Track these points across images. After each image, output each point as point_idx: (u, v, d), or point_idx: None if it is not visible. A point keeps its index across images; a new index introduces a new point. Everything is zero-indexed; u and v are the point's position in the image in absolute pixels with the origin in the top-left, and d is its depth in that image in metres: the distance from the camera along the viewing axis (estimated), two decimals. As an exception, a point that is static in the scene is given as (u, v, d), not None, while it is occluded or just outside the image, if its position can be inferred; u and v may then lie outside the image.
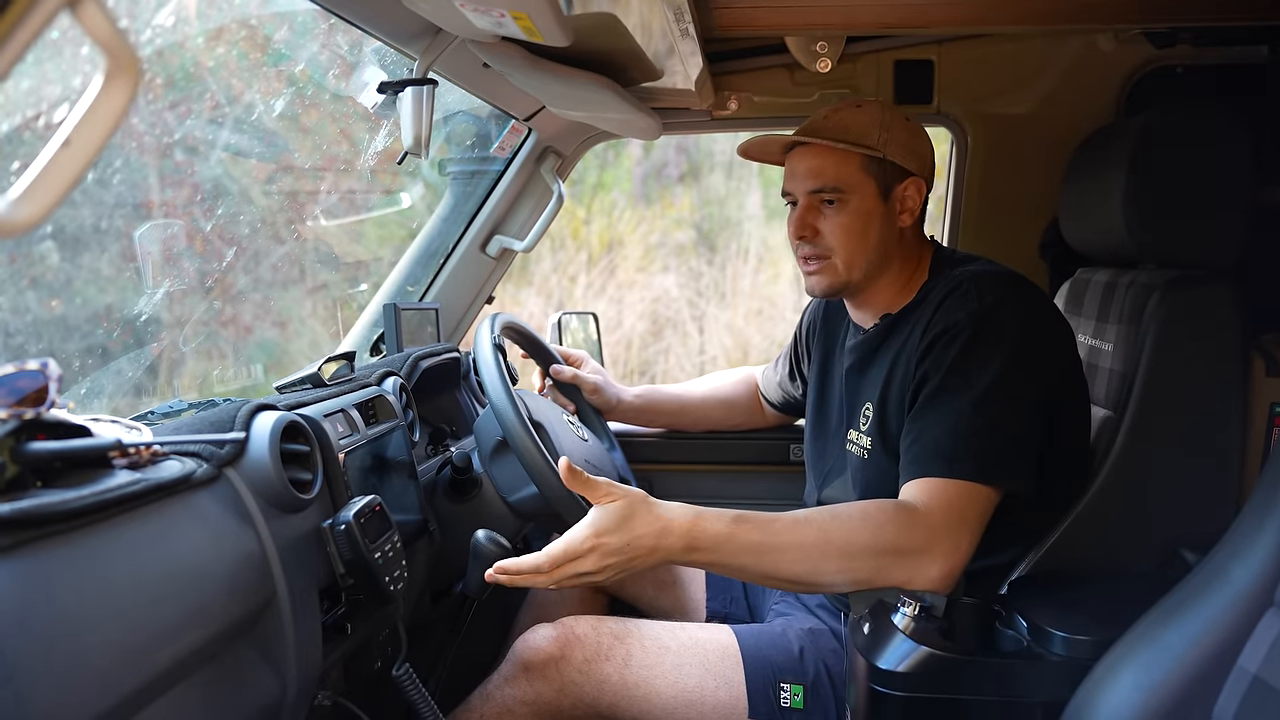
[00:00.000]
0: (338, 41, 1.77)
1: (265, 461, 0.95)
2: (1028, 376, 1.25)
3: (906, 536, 1.18)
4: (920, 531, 1.18)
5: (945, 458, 1.22)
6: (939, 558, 1.17)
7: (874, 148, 1.36)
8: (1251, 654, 0.83)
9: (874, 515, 1.20)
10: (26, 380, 0.70)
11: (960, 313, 1.28)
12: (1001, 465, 1.22)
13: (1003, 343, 1.25)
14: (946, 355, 1.26)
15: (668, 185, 6.28)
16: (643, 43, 1.26)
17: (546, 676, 1.38)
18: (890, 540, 1.18)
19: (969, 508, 1.21)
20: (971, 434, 1.22)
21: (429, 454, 1.62)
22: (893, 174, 1.39)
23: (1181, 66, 1.92)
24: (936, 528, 1.19)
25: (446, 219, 2.11)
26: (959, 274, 1.35)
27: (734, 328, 6.05)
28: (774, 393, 1.91)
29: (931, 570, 1.17)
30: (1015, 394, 1.24)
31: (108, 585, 0.70)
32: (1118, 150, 1.49)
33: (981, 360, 1.24)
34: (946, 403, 1.25)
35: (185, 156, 1.99)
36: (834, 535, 1.18)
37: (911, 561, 1.17)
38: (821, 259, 1.41)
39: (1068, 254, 1.79)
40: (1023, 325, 1.27)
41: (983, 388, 1.23)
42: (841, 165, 1.38)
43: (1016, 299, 1.30)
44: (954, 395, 1.25)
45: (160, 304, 1.76)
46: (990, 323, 1.26)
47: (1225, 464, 1.38)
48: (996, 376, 1.23)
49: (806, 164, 1.41)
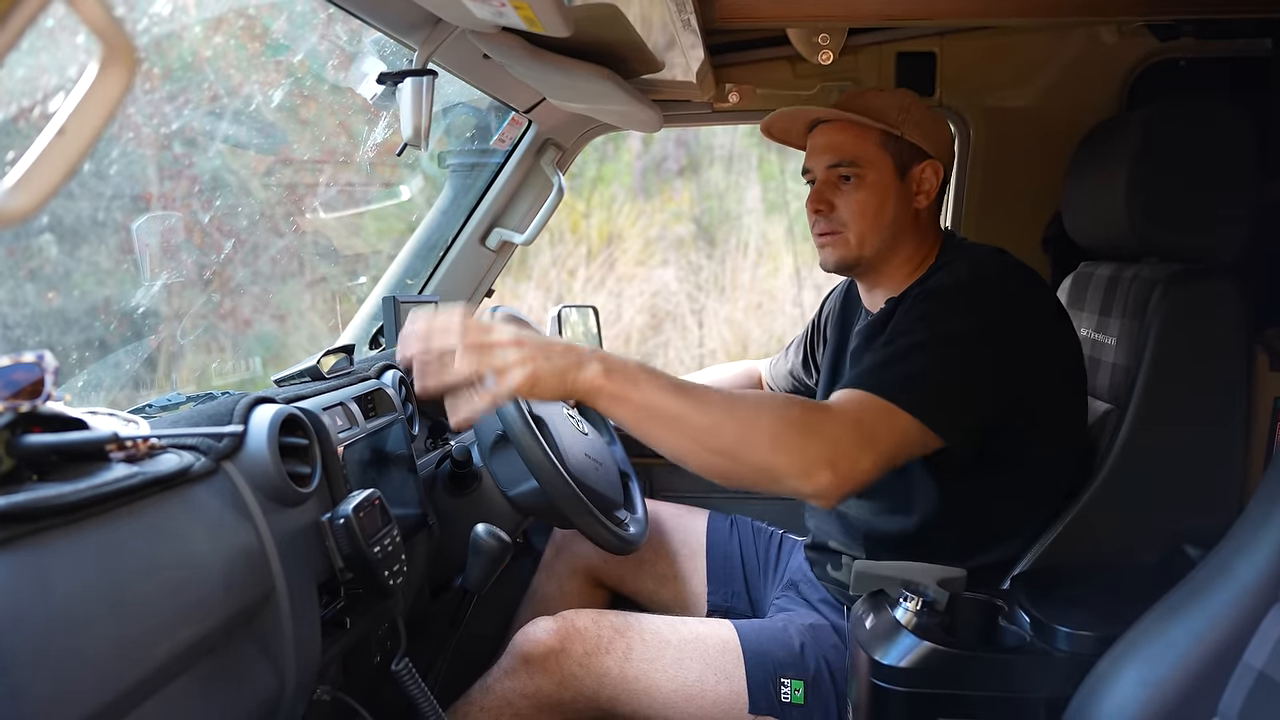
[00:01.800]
0: (336, 32, 1.76)
1: (264, 455, 0.95)
2: (991, 346, 1.22)
3: (810, 420, 1.10)
4: (824, 424, 1.11)
5: (878, 380, 1.17)
6: (834, 463, 1.08)
7: (892, 125, 1.38)
8: (1257, 650, 0.82)
9: (780, 397, 1.15)
10: (22, 373, 0.70)
11: (948, 279, 1.30)
12: (926, 401, 1.15)
13: (973, 310, 1.24)
14: (915, 310, 1.27)
15: (667, 179, 6.27)
16: (644, 34, 1.25)
17: (546, 669, 1.38)
18: (796, 416, 1.10)
19: (880, 426, 1.13)
20: (906, 365, 1.18)
21: (428, 448, 1.61)
22: (910, 153, 1.41)
23: (1185, 59, 1.91)
24: (840, 431, 1.11)
25: (446, 212, 2.10)
26: (963, 256, 1.37)
27: (733, 321, 6.05)
28: (783, 381, 1.91)
29: (822, 475, 1.08)
30: (968, 353, 1.21)
31: (105, 579, 0.69)
32: (1121, 143, 1.48)
33: (943, 316, 1.24)
34: (896, 343, 1.23)
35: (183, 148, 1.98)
36: (746, 397, 1.12)
37: (809, 450, 1.08)
38: (835, 233, 1.42)
39: (1070, 248, 1.78)
40: (1002, 303, 1.26)
41: (935, 336, 1.21)
42: (860, 141, 1.40)
43: (1006, 278, 1.31)
44: (905, 337, 1.23)
45: (158, 296, 1.75)
46: (970, 289, 1.27)
47: (1229, 459, 1.38)
48: (953, 332, 1.21)
49: (826, 139, 1.43)
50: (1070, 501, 1.36)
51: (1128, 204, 1.44)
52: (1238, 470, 1.38)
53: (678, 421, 1.07)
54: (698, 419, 1.07)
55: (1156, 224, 1.44)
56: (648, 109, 1.65)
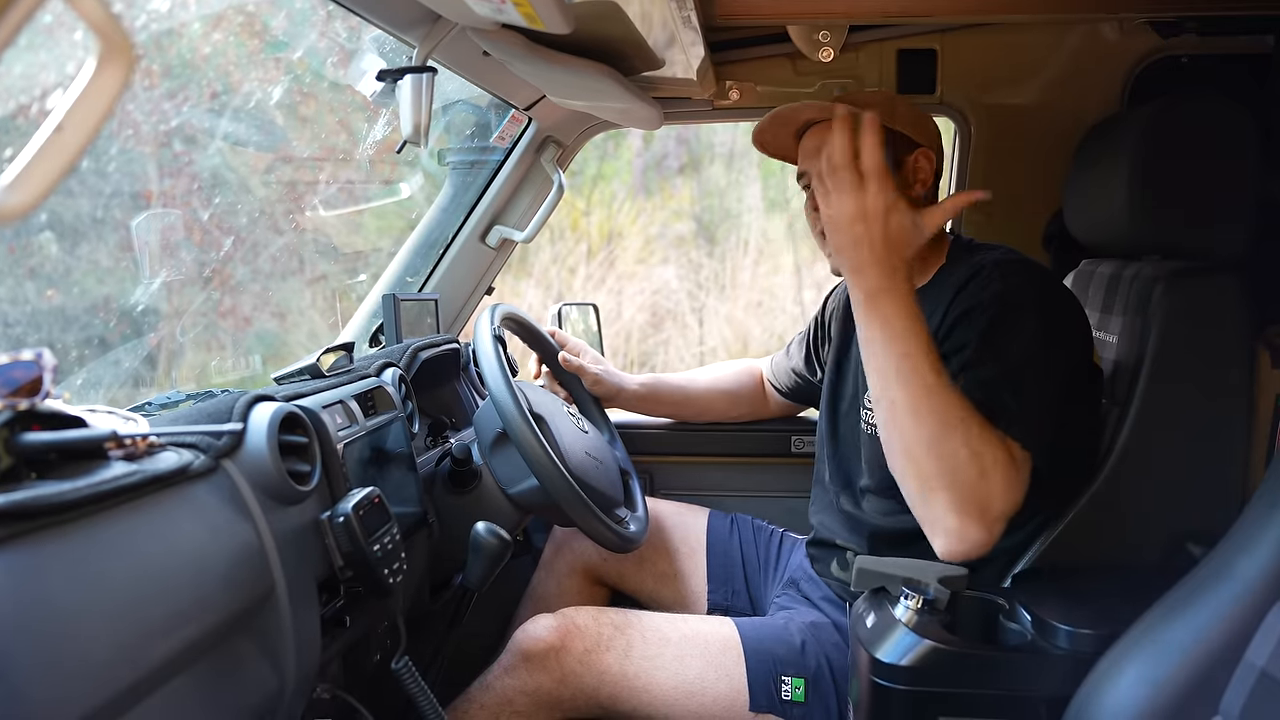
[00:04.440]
0: (336, 29, 1.75)
1: (263, 453, 0.94)
2: (1052, 355, 1.23)
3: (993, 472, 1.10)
4: (997, 480, 1.10)
5: (1000, 408, 1.15)
6: (990, 524, 1.09)
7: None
8: (1259, 648, 0.82)
9: (990, 440, 1.12)
10: (21, 371, 0.69)
11: (985, 293, 1.27)
12: (1033, 433, 1.16)
13: (1028, 320, 1.23)
14: (971, 332, 1.24)
15: (668, 177, 6.27)
16: (644, 31, 1.25)
17: (546, 667, 1.38)
18: (988, 465, 1.09)
19: (1023, 469, 1.14)
20: (1009, 397, 1.17)
21: (428, 445, 1.61)
22: (901, 144, 1.40)
23: (1187, 56, 1.91)
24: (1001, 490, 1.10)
25: (446, 209, 2.10)
26: (979, 260, 1.35)
27: (734, 320, 6.05)
28: (784, 379, 1.91)
29: (970, 534, 1.09)
30: (1041, 369, 1.21)
31: (104, 578, 0.69)
32: (1122, 141, 1.47)
33: (1008, 335, 1.23)
34: (975, 375, 1.20)
35: (183, 146, 1.98)
36: (963, 422, 1.11)
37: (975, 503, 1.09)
38: None
39: (1072, 245, 1.78)
40: (1046, 307, 1.26)
41: (1013, 360, 1.20)
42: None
43: (1041, 282, 1.30)
44: (983, 368, 1.21)
45: (158, 294, 1.75)
46: (1015, 302, 1.25)
47: (1230, 457, 1.37)
48: (1025, 350, 1.21)
49: (817, 140, 1.43)
50: (1072, 500, 1.36)
51: (1129, 201, 1.44)
52: (1239, 468, 1.37)
53: (898, 403, 1.11)
54: (924, 402, 1.10)
55: (1158, 221, 1.44)
56: (648, 106, 1.65)
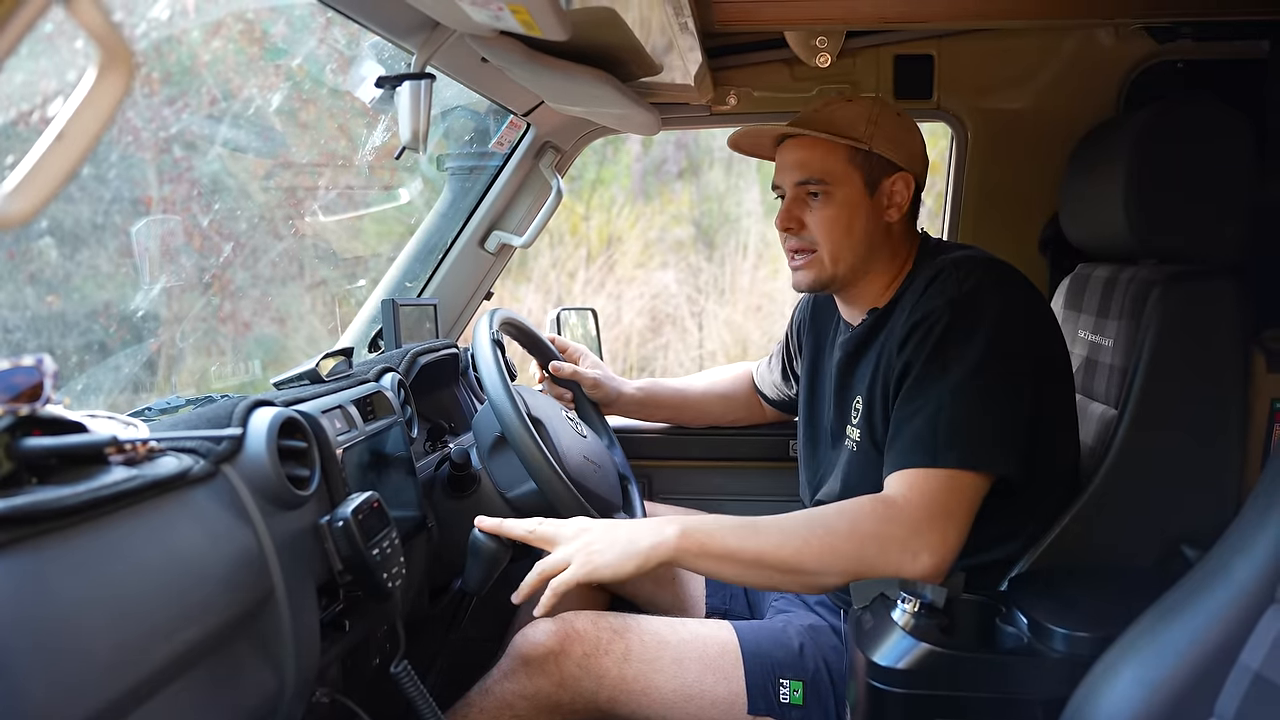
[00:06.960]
0: (335, 36, 1.76)
1: (263, 458, 0.95)
2: (1008, 359, 1.24)
3: (884, 528, 1.18)
4: (899, 523, 1.18)
5: (926, 448, 1.21)
6: (924, 550, 1.17)
7: (859, 140, 1.37)
8: (1253, 651, 0.82)
9: (849, 508, 1.22)
10: (22, 376, 0.70)
11: (939, 299, 1.28)
12: (984, 451, 1.21)
13: (980, 327, 1.24)
14: (925, 344, 1.26)
15: (667, 181, 6.28)
16: (642, 37, 1.25)
17: (546, 671, 1.38)
18: (869, 530, 1.18)
19: (952, 498, 1.20)
20: (951, 422, 1.21)
21: (427, 450, 1.61)
22: (880, 167, 1.39)
23: (1182, 61, 1.91)
24: (918, 520, 1.18)
25: (445, 214, 2.10)
26: (940, 261, 1.35)
27: (733, 324, 6.05)
28: (769, 390, 1.91)
29: (918, 562, 1.17)
30: (995, 378, 1.23)
31: (104, 582, 0.69)
32: (1118, 145, 1.48)
33: (959, 346, 1.24)
34: (926, 392, 1.24)
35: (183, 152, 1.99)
36: (816, 521, 1.21)
37: (895, 552, 1.17)
38: (807, 252, 1.42)
39: (1068, 250, 1.79)
40: (1000, 309, 1.26)
41: (962, 374, 1.23)
42: (827, 157, 1.38)
43: (994, 283, 1.30)
44: (933, 383, 1.24)
45: (158, 300, 1.76)
46: (967, 308, 1.26)
47: (1226, 460, 1.38)
48: (976, 362, 1.23)
49: (793, 156, 1.42)
50: (1068, 503, 1.37)
51: (1125, 205, 1.44)
52: (1235, 471, 1.38)
53: (760, 560, 1.18)
54: (778, 554, 1.18)
55: (1154, 225, 1.44)
56: (646, 112, 1.65)
